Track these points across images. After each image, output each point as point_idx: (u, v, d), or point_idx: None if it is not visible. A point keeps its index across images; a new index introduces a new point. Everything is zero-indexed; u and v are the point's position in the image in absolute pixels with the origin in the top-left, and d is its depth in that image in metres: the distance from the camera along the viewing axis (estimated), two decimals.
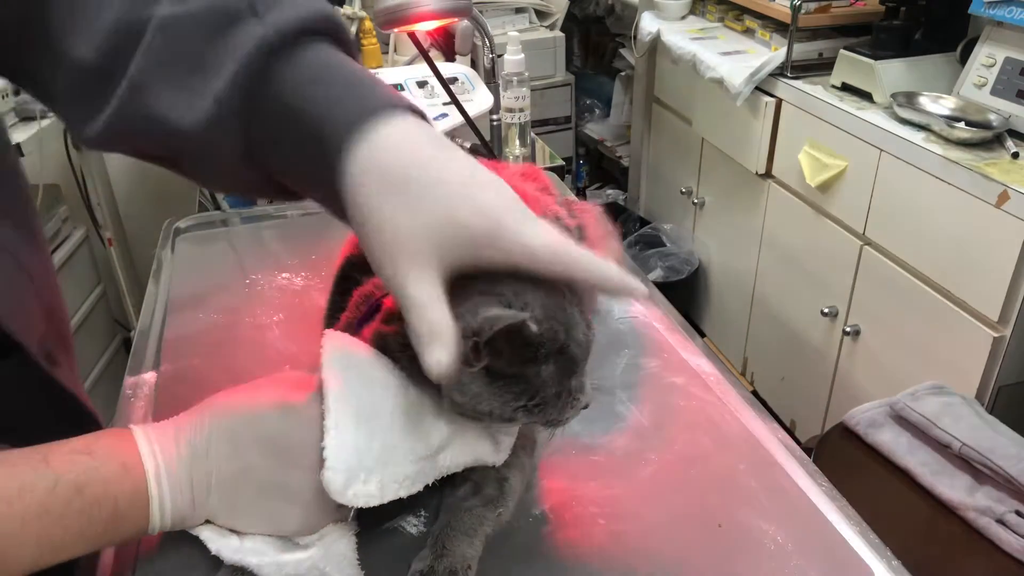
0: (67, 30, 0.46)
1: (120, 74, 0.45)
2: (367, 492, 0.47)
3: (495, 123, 1.37)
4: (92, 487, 0.44)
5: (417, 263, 0.41)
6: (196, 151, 0.46)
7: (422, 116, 0.45)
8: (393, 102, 0.43)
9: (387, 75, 1.44)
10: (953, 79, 1.60)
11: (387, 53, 1.80)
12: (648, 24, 2.31)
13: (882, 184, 1.57)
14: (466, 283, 0.44)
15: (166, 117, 0.44)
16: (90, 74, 0.46)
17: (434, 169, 0.42)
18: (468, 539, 0.54)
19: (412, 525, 0.58)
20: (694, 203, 2.34)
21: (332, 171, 0.42)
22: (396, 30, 1.03)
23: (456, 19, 1.09)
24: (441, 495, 0.57)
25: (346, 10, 1.71)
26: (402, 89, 1.38)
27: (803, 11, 1.76)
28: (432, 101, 1.35)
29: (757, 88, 1.86)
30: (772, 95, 1.85)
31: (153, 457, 0.47)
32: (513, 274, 0.44)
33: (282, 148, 0.45)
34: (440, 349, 0.41)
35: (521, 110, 1.37)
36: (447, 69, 1.42)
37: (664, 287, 1.96)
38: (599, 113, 3.06)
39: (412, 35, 1.16)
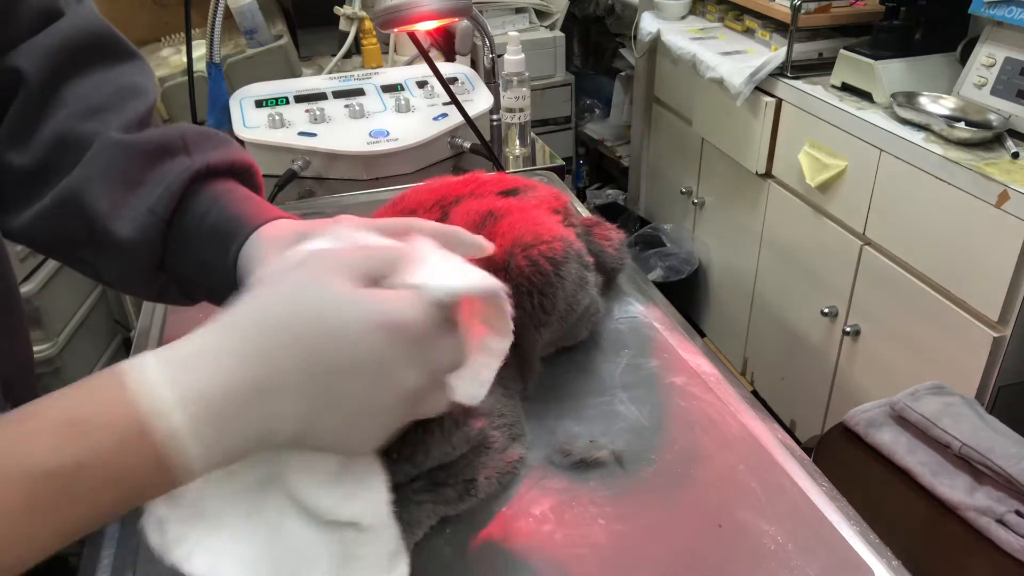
0: (8, 145, 0.55)
1: (57, 178, 0.54)
2: None
3: (495, 123, 1.37)
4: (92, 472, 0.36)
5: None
6: (120, 252, 0.55)
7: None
8: (282, 213, 0.56)
9: (387, 75, 1.43)
10: (953, 79, 1.60)
11: (387, 53, 1.80)
12: (648, 24, 2.31)
13: (882, 184, 1.57)
14: None
15: (103, 219, 0.54)
16: (24, 177, 0.55)
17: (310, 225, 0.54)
18: (410, 529, 0.54)
19: None
20: (694, 203, 2.34)
21: (231, 255, 0.53)
22: (396, 30, 1.03)
23: (456, 19, 1.09)
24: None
25: (346, 10, 1.71)
26: (402, 89, 1.38)
27: (803, 11, 1.76)
28: (432, 101, 1.35)
29: (757, 88, 1.86)
30: (772, 95, 1.85)
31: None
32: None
33: (191, 246, 0.56)
34: None
35: (521, 110, 1.37)
36: (447, 69, 1.42)
37: (664, 287, 1.96)
38: (599, 113, 3.06)
39: (412, 35, 1.16)
